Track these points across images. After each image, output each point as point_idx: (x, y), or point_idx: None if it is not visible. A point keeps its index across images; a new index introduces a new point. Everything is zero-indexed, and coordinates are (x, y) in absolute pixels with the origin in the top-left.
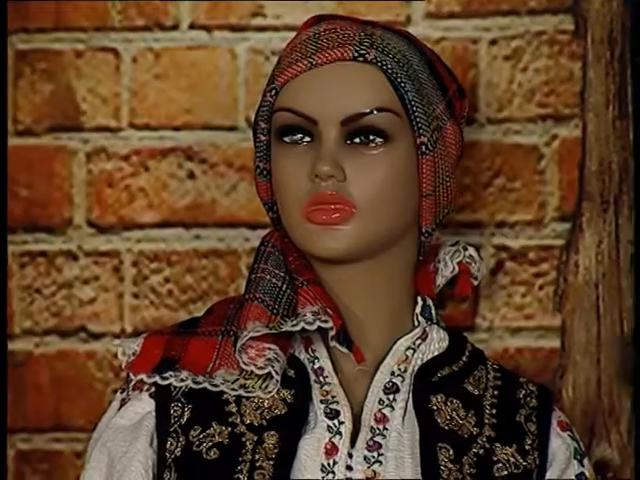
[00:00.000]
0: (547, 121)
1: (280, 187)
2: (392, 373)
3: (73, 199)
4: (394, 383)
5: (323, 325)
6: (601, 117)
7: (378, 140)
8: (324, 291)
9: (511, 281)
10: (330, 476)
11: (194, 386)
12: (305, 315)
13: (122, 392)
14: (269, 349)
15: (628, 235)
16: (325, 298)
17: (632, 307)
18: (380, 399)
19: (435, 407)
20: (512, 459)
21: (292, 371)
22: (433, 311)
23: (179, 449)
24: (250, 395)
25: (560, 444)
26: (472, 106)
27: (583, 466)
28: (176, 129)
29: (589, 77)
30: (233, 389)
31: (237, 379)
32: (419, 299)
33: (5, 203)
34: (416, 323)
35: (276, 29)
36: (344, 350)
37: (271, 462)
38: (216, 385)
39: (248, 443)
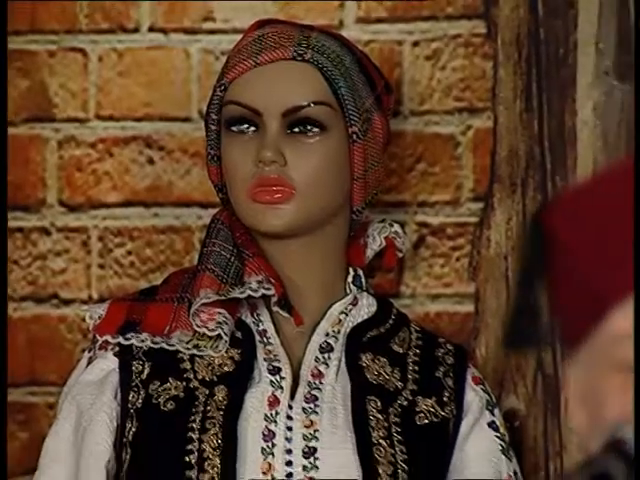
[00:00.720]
0: (463, 113)
1: (229, 171)
2: (327, 334)
3: (46, 182)
4: (329, 343)
5: (266, 292)
6: (510, 110)
7: (315, 130)
8: (267, 263)
9: (431, 254)
10: (273, 425)
11: (153, 346)
12: (251, 284)
13: (89, 351)
14: (219, 313)
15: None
16: (268, 269)
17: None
18: (316, 357)
19: (364, 364)
20: (432, 410)
21: (239, 333)
22: (363, 280)
23: (140, 401)
24: (202, 354)
25: (474, 396)
26: (397, 100)
27: (494, 415)
28: (137, 120)
29: (499, 75)
30: (187, 348)
31: (191, 340)
32: (351, 270)
33: (5, 190)
34: (348, 291)
35: (225, 32)
36: (285, 314)
37: (221, 412)
38: (172, 345)
39: (201, 396)
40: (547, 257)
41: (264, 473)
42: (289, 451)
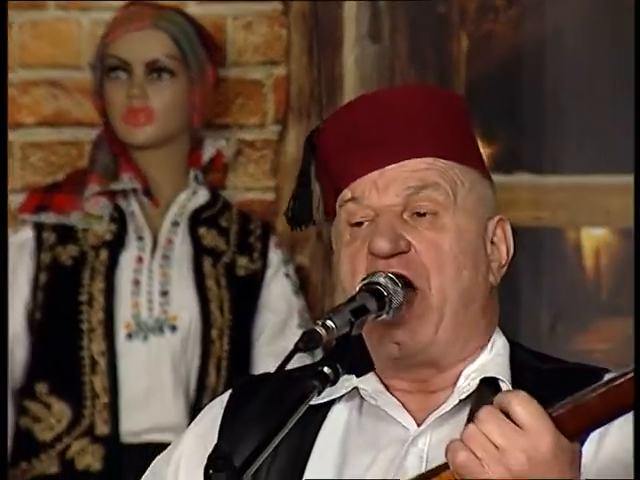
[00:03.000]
0: (267, 65)
1: (108, 103)
2: (175, 214)
3: None
4: (177, 221)
5: (135, 186)
6: (299, 63)
7: (167, 75)
8: (136, 165)
9: (247, 160)
10: (138, 275)
11: (57, 222)
12: (124, 180)
13: (15, 226)
14: (103, 200)
15: None
16: (136, 170)
17: None
18: (169, 229)
19: (201, 234)
20: (246, 265)
21: (116, 213)
22: (200, 177)
23: (48, 259)
24: (91, 227)
25: (274, 256)
26: (223, 55)
27: (288, 269)
28: (46, 68)
29: (292, 39)
30: (80, 224)
31: (83, 218)
32: (192, 171)
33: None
34: (191, 185)
35: (106, 9)
36: (147, 200)
37: (103, 267)
38: (71, 222)
39: (90, 256)
40: (315, 159)
41: (133, 307)
42: (150, 292)
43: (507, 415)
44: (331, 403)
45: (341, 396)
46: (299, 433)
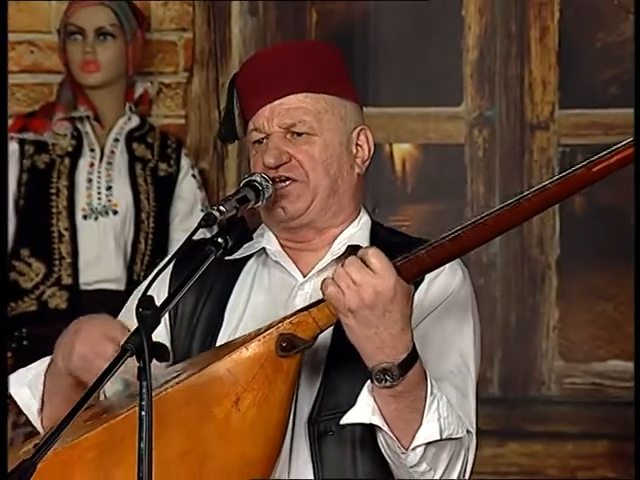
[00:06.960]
0: (179, 31)
1: (69, 56)
2: (116, 133)
3: None
4: (117, 137)
5: (88, 114)
6: (201, 30)
7: (110, 38)
8: (89, 100)
9: (165, 96)
10: (91, 175)
11: (35, 139)
12: (81, 110)
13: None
14: (66, 124)
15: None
16: (89, 103)
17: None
18: (111, 144)
19: (134, 147)
20: (165, 168)
21: (75, 133)
22: (134, 109)
23: (29, 164)
24: (58, 142)
25: (184, 162)
26: (149, 24)
27: (194, 171)
28: (27, 32)
29: (196, 13)
30: (51, 140)
31: (52, 136)
32: (127, 103)
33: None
34: (127, 113)
35: None
36: (96, 124)
37: (67, 170)
38: (44, 138)
39: (57, 162)
40: (237, 92)
41: (87, 197)
42: (99, 187)
43: (365, 264)
44: (247, 258)
45: (254, 253)
46: (224, 281)
